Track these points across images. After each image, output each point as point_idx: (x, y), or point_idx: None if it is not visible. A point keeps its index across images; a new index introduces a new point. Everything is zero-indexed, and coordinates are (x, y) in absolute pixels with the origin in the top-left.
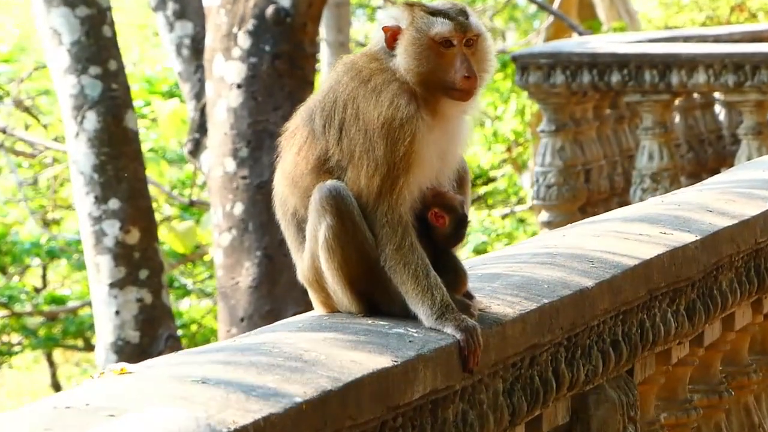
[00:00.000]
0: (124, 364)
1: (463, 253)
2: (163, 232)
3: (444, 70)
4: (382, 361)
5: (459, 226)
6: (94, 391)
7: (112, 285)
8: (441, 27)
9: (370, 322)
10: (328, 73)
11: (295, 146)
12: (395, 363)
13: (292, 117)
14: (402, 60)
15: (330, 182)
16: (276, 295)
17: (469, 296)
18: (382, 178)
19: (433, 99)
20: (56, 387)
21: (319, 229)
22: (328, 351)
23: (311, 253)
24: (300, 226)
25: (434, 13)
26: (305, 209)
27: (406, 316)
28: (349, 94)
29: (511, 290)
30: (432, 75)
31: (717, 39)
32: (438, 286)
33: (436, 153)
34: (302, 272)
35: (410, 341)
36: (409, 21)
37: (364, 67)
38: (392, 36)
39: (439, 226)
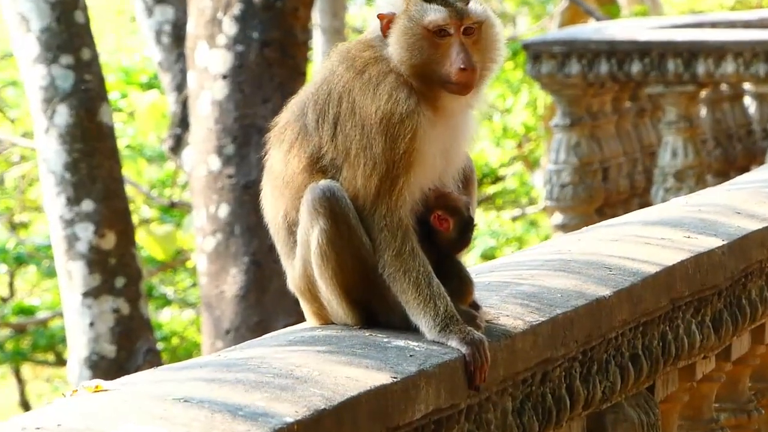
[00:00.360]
0: (99, 381)
1: (469, 259)
2: (141, 237)
3: (439, 62)
4: (381, 377)
5: (465, 230)
6: (67, 411)
7: (85, 294)
8: (435, 15)
9: (367, 334)
10: (323, 62)
11: (285, 143)
12: (395, 380)
13: (283, 110)
14: (394, 50)
15: (323, 182)
16: (265, 305)
17: (476, 306)
18: (380, 178)
19: (432, 93)
20: (25, 406)
21: (311, 233)
22: (321, 367)
23: (303, 259)
24: (291, 230)
25: None
26: (296, 212)
27: (406, 328)
28: (344, 86)
29: (522, 300)
30: (426, 67)
31: (747, 25)
32: (441, 296)
33: (439, 151)
34: (293, 280)
35: (411, 356)
36: (403, 8)
37: (357, 56)
38: (387, 24)
39: (443, 230)
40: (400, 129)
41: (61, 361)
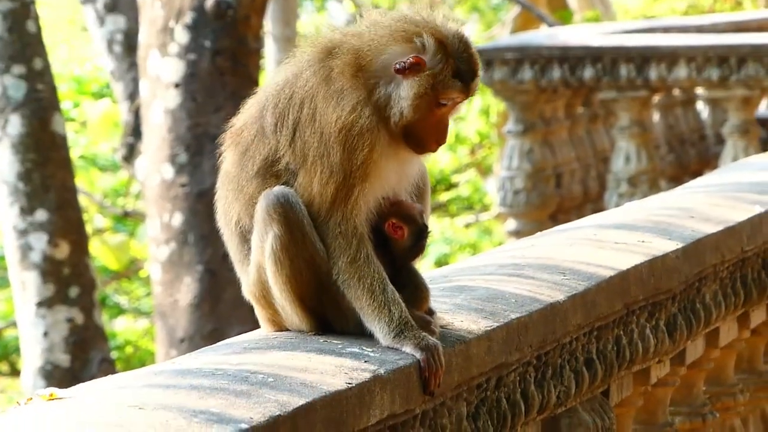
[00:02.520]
0: (53, 389)
1: (423, 266)
2: (94, 246)
3: (424, 128)
4: (335, 383)
5: (419, 238)
6: (21, 419)
7: (39, 304)
8: (454, 90)
9: (322, 340)
10: (286, 63)
11: (241, 145)
12: (349, 385)
13: (240, 111)
14: (403, 100)
15: (278, 188)
16: (219, 313)
17: (430, 312)
18: (336, 186)
19: (393, 135)
20: None
21: (265, 239)
22: (276, 373)
23: (257, 265)
24: (244, 236)
25: (458, 70)
26: (250, 218)
27: (361, 334)
28: (308, 92)
29: (476, 305)
30: (413, 126)
31: (699, 29)
32: (396, 302)
33: (395, 166)
34: (247, 287)
35: (366, 361)
36: (438, 69)
37: (337, 66)
38: (413, 67)
39: (398, 238)
40: (359, 141)
41: (15, 372)
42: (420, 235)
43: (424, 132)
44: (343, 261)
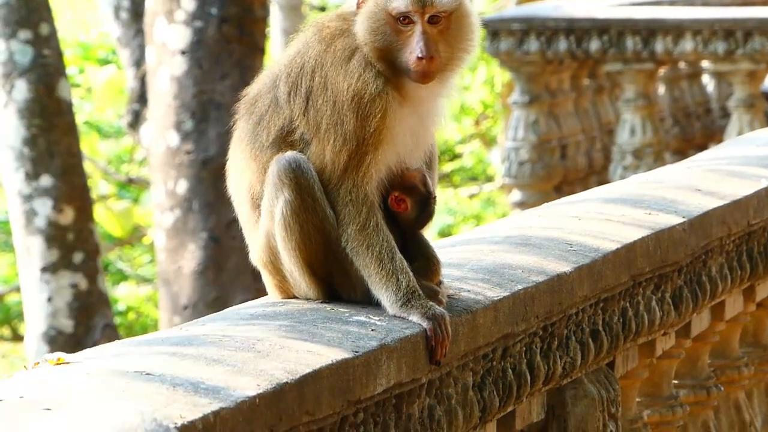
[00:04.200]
0: (60, 354)
1: (428, 235)
2: (98, 213)
3: (400, 49)
4: (342, 351)
5: (424, 206)
6: (29, 383)
7: (44, 269)
8: (398, 1)
9: (329, 308)
10: (298, 34)
11: (255, 115)
12: (356, 354)
13: (253, 82)
14: (359, 30)
15: (289, 153)
16: (223, 281)
17: (439, 282)
18: (349, 154)
19: (397, 78)
20: None
21: (275, 204)
22: (283, 341)
23: (266, 231)
24: (255, 203)
25: None
26: (261, 185)
27: (368, 302)
28: (317, 60)
29: (483, 275)
30: (388, 53)
31: (706, 2)
32: (404, 271)
33: (408, 131)
34: (256, 253)
35: (372, 330)
36: None
37: (326, 26)
38: (362, 1)
39: (402, 211)
40: (371, 108)
41: (17, 337)
42: (424, 204)
43: (399, 54)
44: (352, 228)
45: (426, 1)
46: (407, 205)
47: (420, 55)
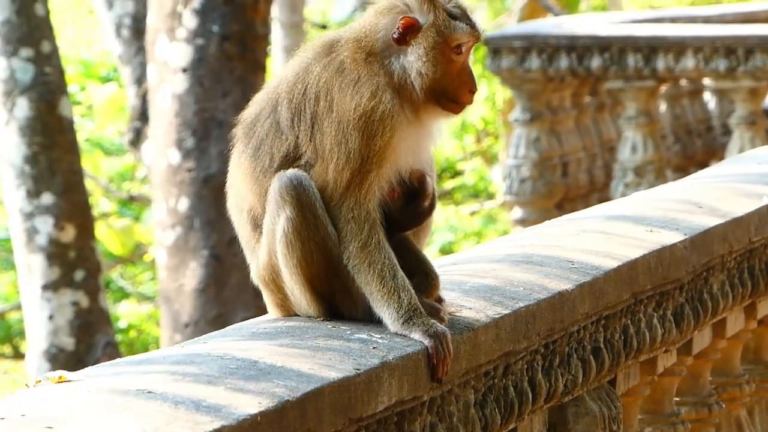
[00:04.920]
0: (62, 372)
1: (429, 254)
2: (100, 230)
3: (452, 81)
4: (344, 369)
5: (410, 200)
6: (30, 401)
7: (45, 287)
8: (461, 32)
9: (330, 326)
10: (295, 56)
11: (255, 139)
12: (358, 372)
13: (248, 105)
14: (417, 62)
15: (291, 171)
16: (224, 298)
17: (439, 299)
18: (352, 172)
19: (423, 104)
20: None
21: (277, 222)
22: (284, 359)
23: (268, 249)
24: (256, 223)
25: (452, 14)
26: (263, 208)
27: (369, 320)
28: (322, 86)
29: (484, 293)
30: (438, 84)
31: (707, 20)
32: (405, 288)
33: (411, 150)
34: (257, 271)
35: (374, 348)
36: (431, 20)
37: (347, 57)
38: (407, 29)
39: (390, 200)
40: (379, 126)
41: (18, 355)
42: (412, 198)
43: (452, 86)
44: (354, 246)
45: (479, 31)
46: (394, 194)
47: (473, 90)
